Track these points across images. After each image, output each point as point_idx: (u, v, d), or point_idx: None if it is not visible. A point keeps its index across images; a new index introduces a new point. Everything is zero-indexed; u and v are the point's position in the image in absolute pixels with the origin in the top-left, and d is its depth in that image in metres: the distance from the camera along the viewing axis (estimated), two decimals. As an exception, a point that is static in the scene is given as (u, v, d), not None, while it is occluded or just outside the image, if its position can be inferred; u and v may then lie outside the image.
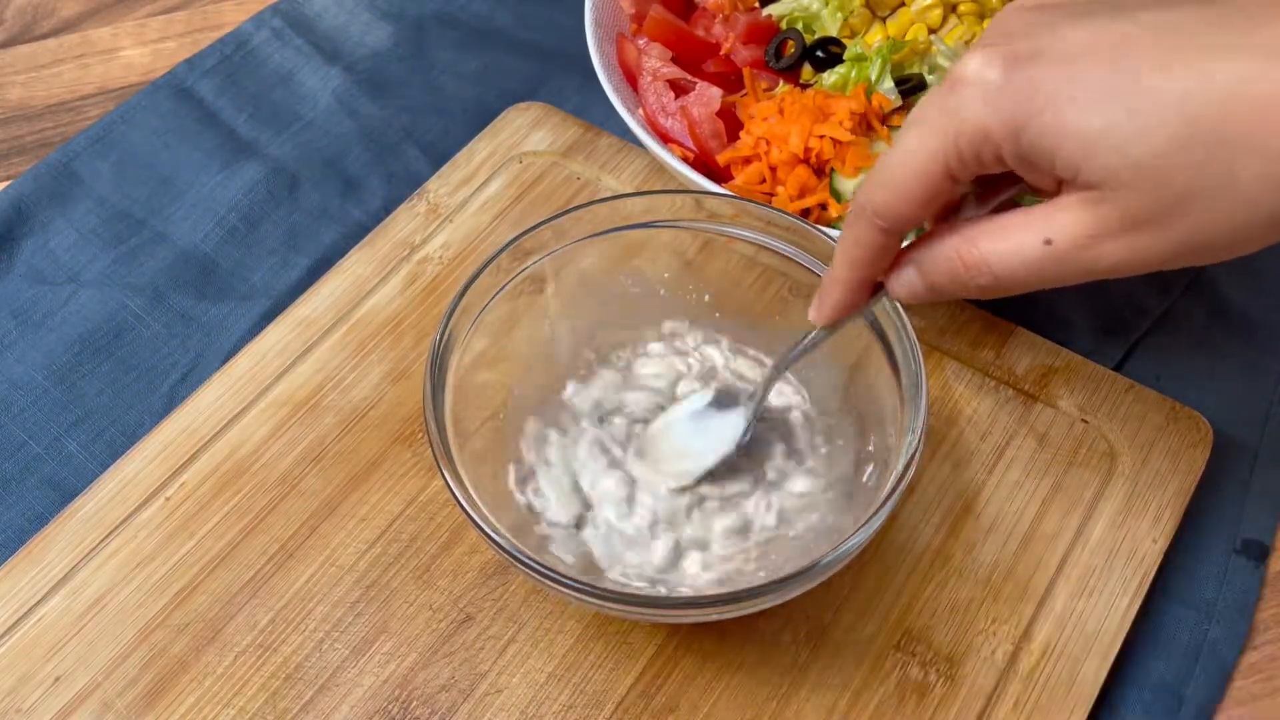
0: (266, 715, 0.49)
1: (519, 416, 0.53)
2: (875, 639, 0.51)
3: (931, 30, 0.65)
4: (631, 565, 0.50)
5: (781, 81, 0.65)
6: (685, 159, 0.61)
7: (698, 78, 0.64)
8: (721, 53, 0.66)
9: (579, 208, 0.53)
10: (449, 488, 0.46)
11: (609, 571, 0.50)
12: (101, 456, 0.59)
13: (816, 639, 0.51)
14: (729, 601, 0.44)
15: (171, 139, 0.72)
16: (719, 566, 0.50)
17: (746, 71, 0.64)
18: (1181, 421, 0.57)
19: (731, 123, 0.63)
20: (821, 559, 0.44)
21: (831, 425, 0.54)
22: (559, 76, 0.76)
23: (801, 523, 0.51)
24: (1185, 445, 0.57)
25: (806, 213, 0.59)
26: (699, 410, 0.52)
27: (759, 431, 0.52)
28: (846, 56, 0.63)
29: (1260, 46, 0.33)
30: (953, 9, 0.65)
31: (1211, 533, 0.57)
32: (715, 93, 0.62)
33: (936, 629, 0.51)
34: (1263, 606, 0.55)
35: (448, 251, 0.64)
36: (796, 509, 0.51)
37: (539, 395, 0.54)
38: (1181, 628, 0.54)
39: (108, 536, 0.54)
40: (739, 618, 0.46)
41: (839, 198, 0.59)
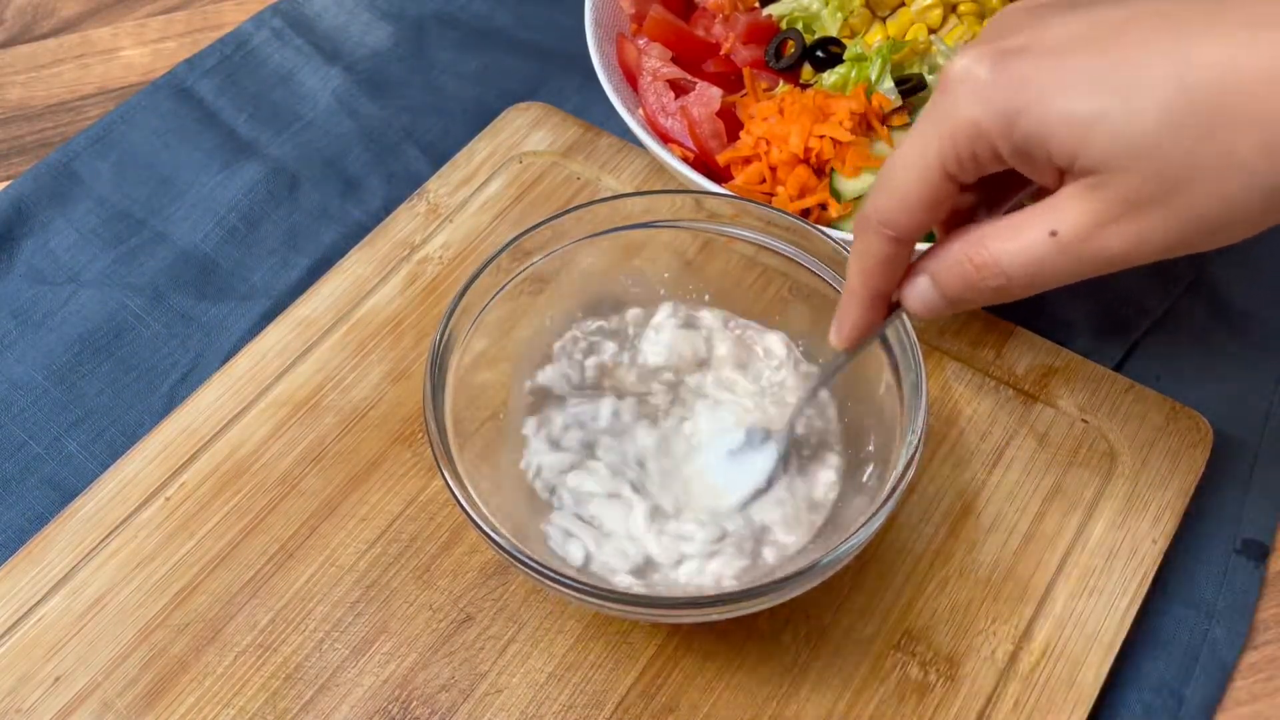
0: (266, 715, 0.49)
1: (519, 417, 0.53)
2: (875, 639, 0.51)
3: (931, 30, 0.65)
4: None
5: (781, 81, 0.65)
6: (685, 159, 0.61)
7: (698, 78, 0.64)
8: (721, 53, 0.66)
9: (579, 208, 0.53)
10: (449, 488, 0.46)
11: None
12: (101, 456, 0.59)
13: (816, 639, 0.51)
14: (729, 601, 0.44)
15: (171, 139, 0.72)
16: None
17: (746, 71, 0.64)
18: (1181, 421, 0.57)
19: (731, 123, 0.63)
20: (821, 559, 0.44)
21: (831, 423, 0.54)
22: (559, 76, 0.76)
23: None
24: (1185, 445, 0.57)
25: (806, 213, 0.59)
26: (733, 450, 0.52)
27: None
28: (846, 56, 0.63)
29: (1249, 20, 0.33)
30: (953, 9, 0.65)
31: (1211, 533, 0.57)
32: (715, 93, 0.62)
33: (936, 629, 0.51)
34: (1263, 606, 0.55)
35: (448, 251, 0.64)
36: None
37: (539, 395, 0.54)
38: (1181, 628, 0.54)
39: (108, 536, 0.54)
40: (739, 618, 0.46)
41: (839, 198, 0.59)
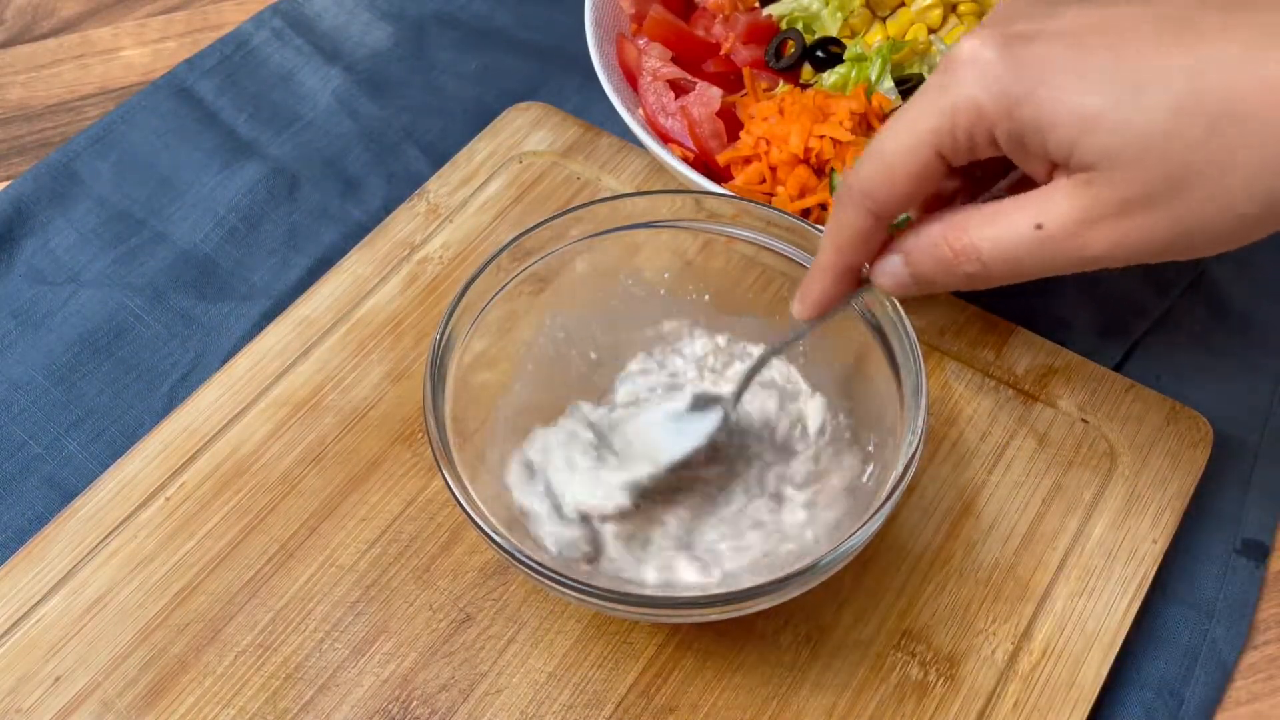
0: (266, 715, 0.49)
1: (519, 416, 0.53)
2: (875, 639, 0.51)
3: (931, 30, 0.65)
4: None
5: (781, 81, 0.65)
6: (685, 159, 0.61)
7: (698, 78, 0.64)
8: (721, 53, 0.66)
9: (579, 208, 0.53)
10: (449, 488, 0.46)
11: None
12: (101, 456, 0.59)
13: (816, 639, 0.51)
14: (729, 601, 0.44)
15: (171, 139, 0.72)
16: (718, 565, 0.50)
17: (746, 71, 0.64)
18: (1181, 421, 0.57)
19: (731, 123, 0.63)
20: (821, 559, 0.44)
21: (831, 423, 0.54)
22: (559, 76, 0.76)
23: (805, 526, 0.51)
24: (1185, 445, 0.57)
25: (806, 213, 0.59)
26: (677, 412, 0.51)
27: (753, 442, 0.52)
28: (846, 56, 0.63)
29: (1263, 26, 0.32)
30: (953, 9, 0.65)
31: (1211, 533, 0.57)
32: (715, 93, 0.62)
33: (936, 629, 0.51)
34: (1263, 606, 0.55)
35: (448, 251, 0.64)
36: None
37: (538, 395, 0.54)
38: (1181, 628, 0.54)
39: (108, 536, 0.54)
40: (739, 618, 0.46)
41: (839, 198, 0.59)
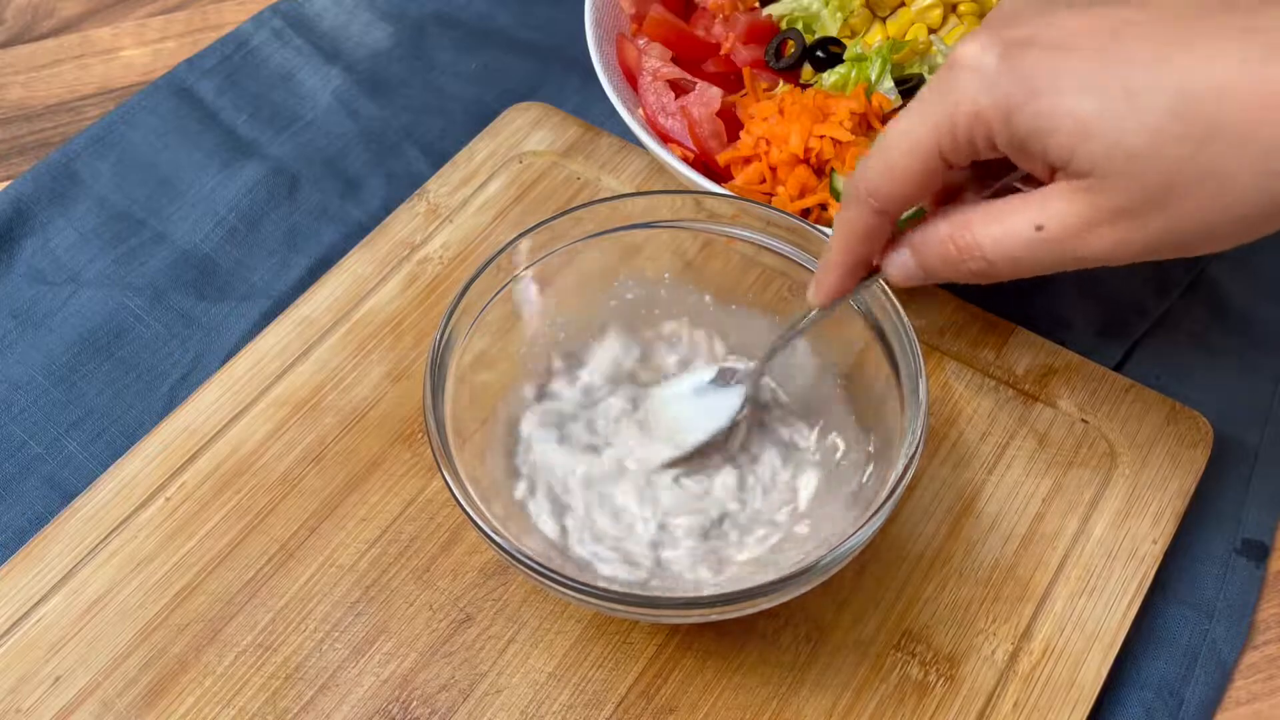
0: (266, 715, 0.49)
1: (519, 417, 0.53)
2: (875, 639, 0.51)
3: (931, 30, 0.65)
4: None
5: (781, 81, 0.65)
6: (685, 159, 0.61)
7: (698, 78, 0.64)
8: (721, 53, 0.66)
9: (579, 208, 0.53)
10: (449, 488, 0.46)
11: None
12: (101, 456, 0.59)
13: (816, 639, 0.51)
14: (729, 601, 0.44)
15: (171, 139, 0.72)
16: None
17: (746, 71, 0.64)
18: (1181, 421, 0.57)
19: (731, 123, 0.63)
20: (821, 559, 0.44)
21: (828, 424, 0.54)
22: (559, 76, 0.76)
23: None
24: (1185, 445, 0.57)
25: (806, 213, 0.59)
26: (700, 386, 0.52)
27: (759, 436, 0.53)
28: (846, 56, 0.63)
29: (1259, 35, 0.33)
30: (953, 9, 0.65)
31: (1211, 533, 0.57)
32: (715, 93, 0.62)
33: (936, 629, 0.51)
34: (1263, 606, 0.55)
35: (448, 251, 0.64)
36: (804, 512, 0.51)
37: (538, 395, 0.54)
38: (1181, 628, 0.54)
39: (108, 536, 0.54)
40: (739, 618, 0.46)
41: (839, 198, 0.59)
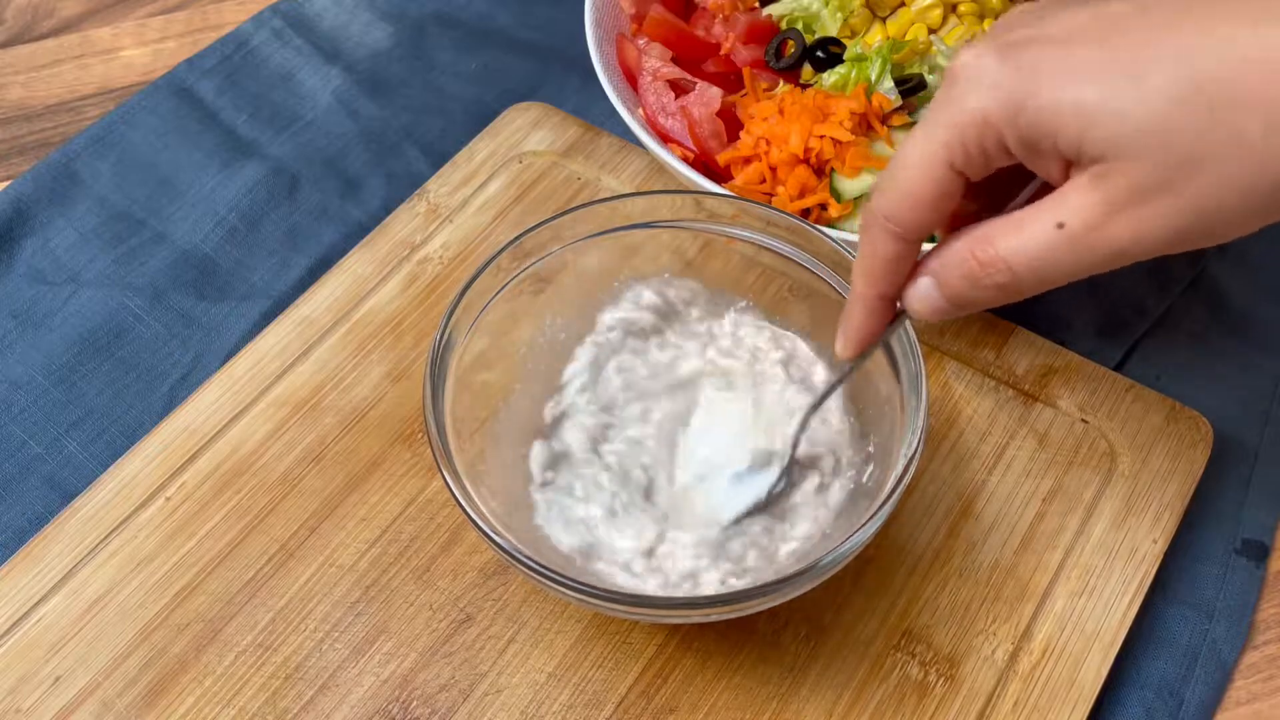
0: (266, 715, 0.49)
1: (519, 417, 0.53)
2: (875, 639, 0.51)
3: (931, 30, 0.65)
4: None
5: (781, 81, 0.65)
6: (685, 159, 0.61)
7: (698, 78, 0.64)
8: (721, 53, 0.66)
9: (579, 208, 0.53)
10: (449, 488, 0.46)
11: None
12: (101, 456, 0.59)
13: (816, 639, 0.51)
14: (729, 601, 0.44)
15: (171, 139, 0.72)
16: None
17: (746, 71, 0.64)
18: (1181, 421, 0.57)
19: (731, 123, 0.63)
20: (821, 559, 0.44)
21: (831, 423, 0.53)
22: (559, 76, 0.76)
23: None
24: (1185, 445, 0.57)
25: (806, 213, 0.59)
26: (738, 473, 0.51)
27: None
28: (846, 56, 0.63)
29: (1256, 11, 0.33)
30: (953, 9, 0.65)
31: (1211, 533, 0.57)
32: (715, 93, 0.62)
33: (936, 629, 0.51)
34: (1263, 606, 0.55)
35: (448, 251, 0.64)
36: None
37: (538, 396, 0.54)
38: (1181, 628, 0.54)
39: (108, 536, 0.54)
40: (739, 618, 0.46)
41: (839, 198, 0.59)
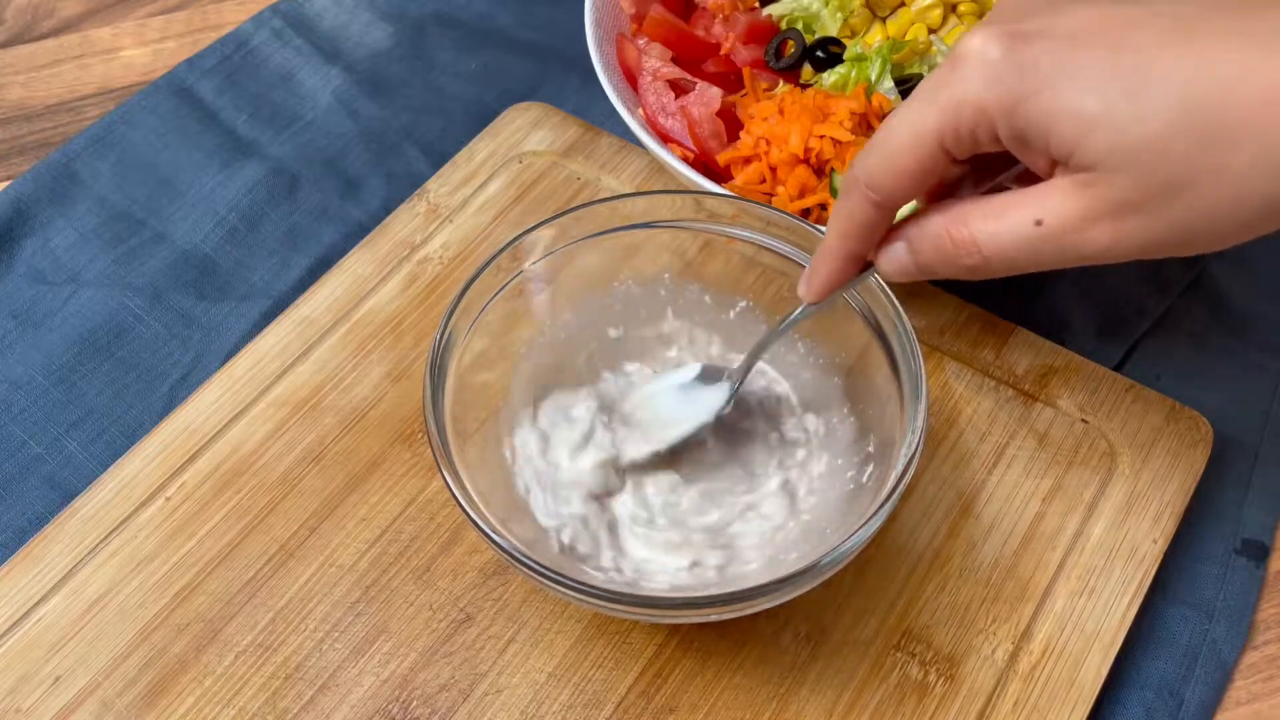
0: (266, 715, 0.49)
1: (519, 417, 0.53)
2: (875, 639, 0.51)
3: (931, 30, 0.65)
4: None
5: (781, 81, 0.65)
6: (685, 159, 0.61)
7: (698, 78, 0.64)
8: (721, 53, 0.66)
9: (579, 208, 0.53)
10: (449, 488, 0.46)
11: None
12: (101, 456, 0.59)
13: (816, 639, 0.51)
14: (729, 601, 0.44)
15: (171, 139, 0.72)
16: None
17: (746, 71, 0.64)
18: (1181, 421, 0.57)
19: (731, 123, 0.63)
20: (821, 559, 0.44)
21: (831, 422, 0.54)
22: (559, 76, 0.76)
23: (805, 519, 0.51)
24: (1185, 445, 0.57)
25: (806, 213, 0.59)
26: (685, 383, 0.52)
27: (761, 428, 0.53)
28: (846, 56, 0.63)
29: (1262, 34, 0.33)
30: (953, 9, 0.65)
31: (1211, 533, 0.57)
32: (715, 93, 0.62)
33: (936, 629, 0.51)
34: (1263, 606, 0.55)
35: (448, 251, 0.64)
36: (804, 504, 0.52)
37: (538, 395, 0.54)
38: (1181, 628, 0.54)
39: (108, 536, 0.54)
40: (739, 618, 0.46)
41: (839, 197, 0.59)
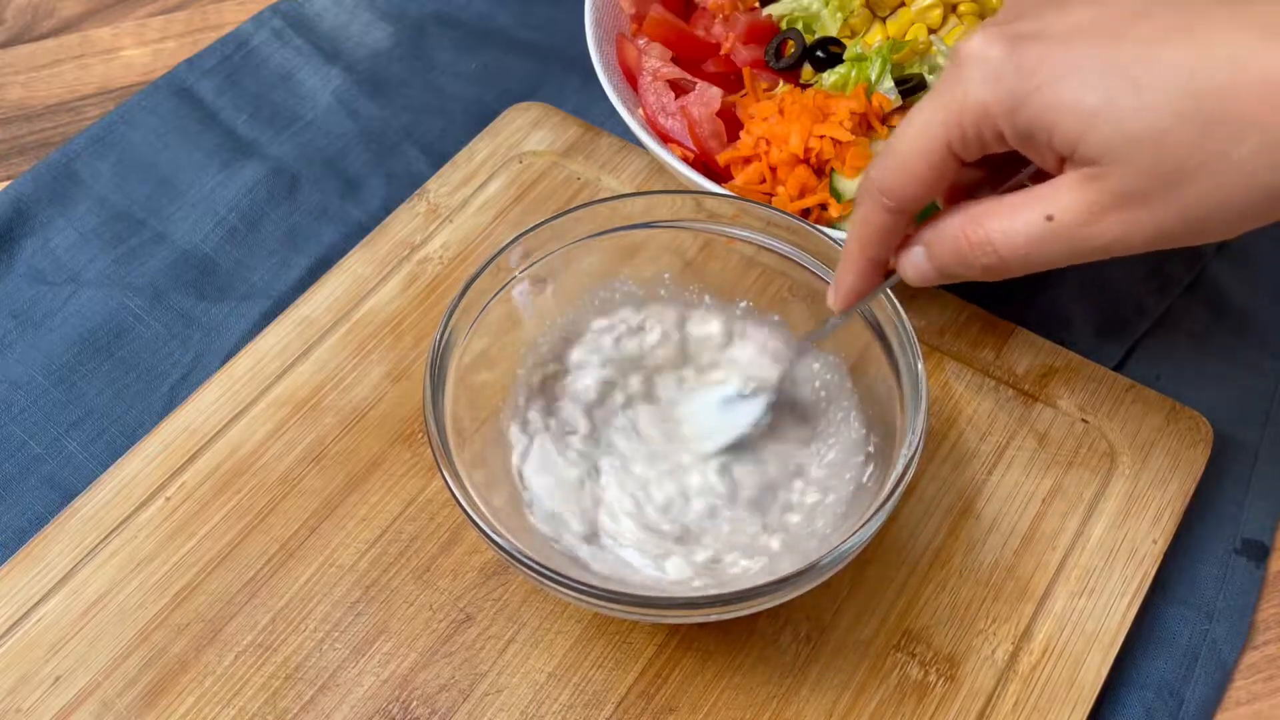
0: (266, 715, 0.49)
1: (519, 416, 0.53)
2: (875, 639, 0.51)
3: (931, 30, 0.65)
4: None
5: (781, 81, 0.65)
6: (685, 159, 0.61)
7: (698, 78, 0.64)
8: (721, 53, 0.66)
9: (579, 208, 0.53)
10: (449, 488, 0.46)
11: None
12: (101, 456, 0.59)
13: (816, 639, 0.51)
14: (729, 601, 0.44)
15: (171, 139, 0.72)
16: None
17: (746, 71, 0.64)
18: (1181, 421, 0.57)
19: (731, 123, 0.63)
20: (821, 559, 0.44)
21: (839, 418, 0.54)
22: (559, 76, 0.76)
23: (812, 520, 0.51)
24: (1185, 445, 0.57)
25: (806, 213, 0.59)
26: (724, 399, 0.53)
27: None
28: (846, 56, 0.63)
29: (1261, 24, 0.33)
30: (953, 9, 0.65)
31: (1211, 533, 0.57)
32: (715, 93, 0.62)
33: (936, 629, 0.51)
34: (1263, 606, 0.55)
35: (448, 251, 0.64)
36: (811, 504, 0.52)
37: (538, 395, 0.54)
38: (1181, 628, 0.54)
39: (108, 536, 0.54)
40: (739, 618, 0.46)
41: (839, 198, 0.59)
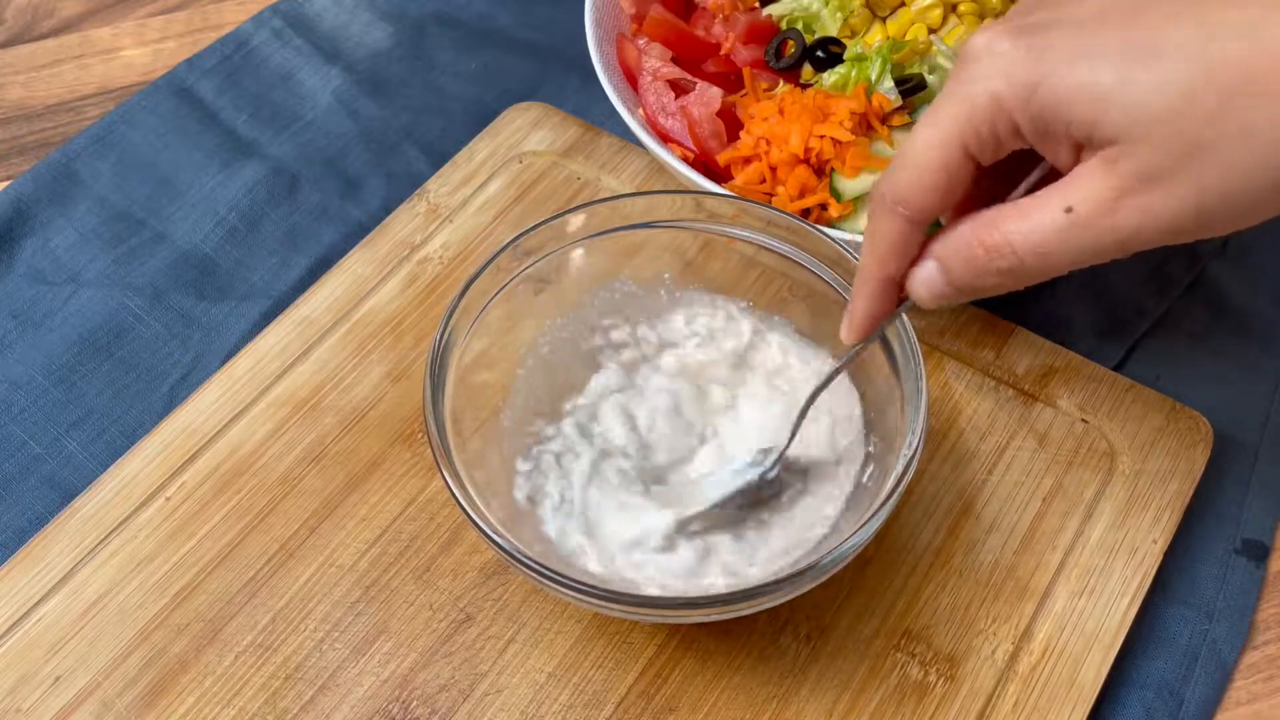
0: (266, 715, 0.49)
1: (519, 416, 0.53)
2: (875, 639, 0.51)
3: (931, 30, 0.65)
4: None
5: (781, 81, 0.65)
6: (685, 159, 0.61)
7: (698, 78, 0.64)
8: (721, 53, 0.66)
9: (579, 208, 0.53)
10: (449, 488, 0.46)
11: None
12: (101, 456, 0.59)
13: (816, 639, 0.51)
14: (729, 601, 0.44)
15: (171, 139, 0.72)
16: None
17: (746, 71, 0.64)
18: (1181, 421, 0.57)
19: (731, 123, 0.63)
20: (821, 559, 0.44)
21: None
22: (559, 76, 0.76)
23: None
24: (1185, 445, 0.57)
25: (806, 213, 0.59)
26: (736, 469, 0.51)
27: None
28: (846, 56, 0.63)
29: None
30: (953, 9, 0.65)
31: (1211, 533, 0.57)
32: (715, 93, 0.62)
33: (936, 629, 0.51)
34: (1263, 606, 0.55)
35: (448, 251, 0.64)
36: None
37: (538, 395, 0.54)
38: (1181, 628, 0.54)
39: (108, 536, 0.54)
40: (739, 618, 0.46)
41: (839, 198, 0.59)
